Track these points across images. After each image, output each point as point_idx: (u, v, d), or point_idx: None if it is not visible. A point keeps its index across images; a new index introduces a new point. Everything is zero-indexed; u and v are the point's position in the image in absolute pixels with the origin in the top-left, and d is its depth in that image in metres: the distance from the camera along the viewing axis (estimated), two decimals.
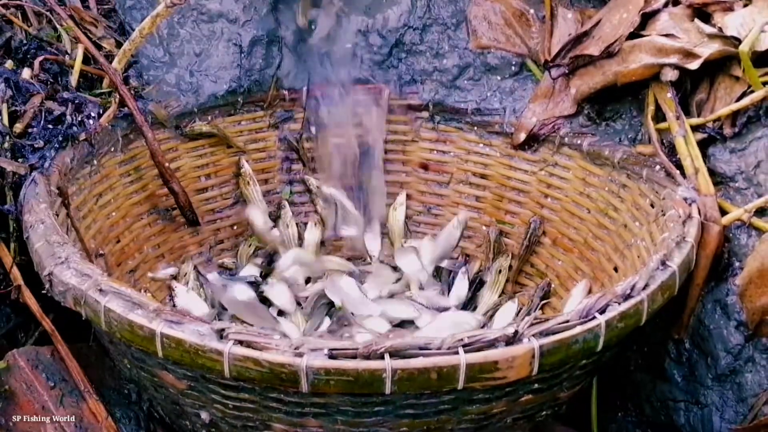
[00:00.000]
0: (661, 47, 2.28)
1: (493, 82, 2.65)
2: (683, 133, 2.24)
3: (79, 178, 2.29)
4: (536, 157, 2.58)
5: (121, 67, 2.46)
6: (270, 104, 2.72)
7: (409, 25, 2.71)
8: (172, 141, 2.60)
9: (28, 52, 2.41)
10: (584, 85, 2.44)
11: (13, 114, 2.25)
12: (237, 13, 2.67)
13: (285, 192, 2.77)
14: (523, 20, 2.63)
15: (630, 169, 2.35)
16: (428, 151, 2.75)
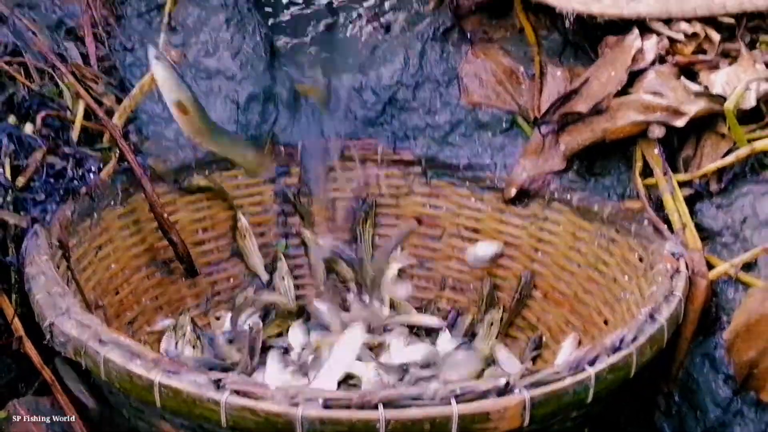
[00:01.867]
0: (648, 105, 2.34)
1: (485, 138, 2.70)
2: (671, 189, 2.29)
3: (79, 230, 2.34)
4: (527, 212, 2.63)
5: (121, 123, 2.51)
6: None
7: (402, 83, 2.78)
8: (171, 195, 2.64)
9: (30, 108, 2.46)
10: (573, 141, 2.49)
11: (16, 168, 2.30)
12: (234, 71, 2.74)
13: (280, 245, 2.81)
14: (513, 78, 2.69)
15: (619, 224, 2.40)
16: (421, 205, 2.80)
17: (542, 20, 2.70)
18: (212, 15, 2.80)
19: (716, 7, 2.48)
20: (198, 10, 2.81)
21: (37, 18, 2.68)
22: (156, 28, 2.80)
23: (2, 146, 2.31)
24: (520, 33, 2.73)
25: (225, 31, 2.78)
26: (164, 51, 2.63)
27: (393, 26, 2.89)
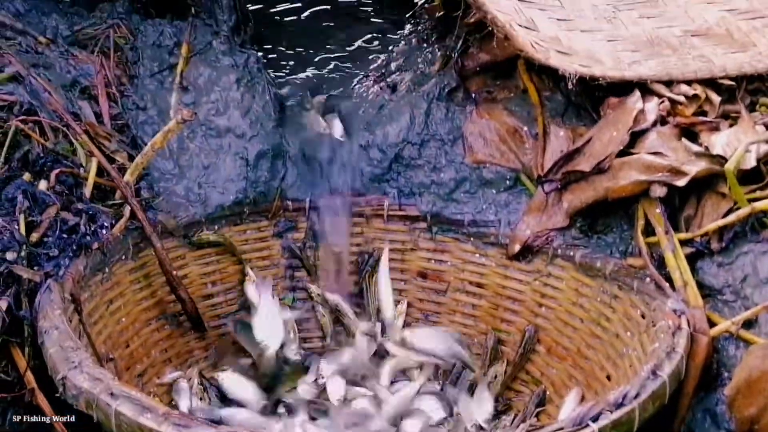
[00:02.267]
0: (650, 165, 2.39)
1: (489, 195, 2.75)
2: (672, 248, 2.34)
3: (91, 285, 2.39)
4: (530, 268, 2.67)
5: (133, 180, 2.56)
6: (274, 214, 2.82)
7: (408, 141, 2.83)
8: (181, 249, 2.69)
9: (44, 165, 2.51)
10: (576, 199, 2.54)
11: (30, 224, 2.35)
12: (244, 129, 2.80)
13: (288, 299, 2.85)
14: (517, 137, 2.75)
15: (621, 280, 2.44)
16: (426, 260, 2.84)
17: (545, 81, 2.76)
18: (223, 75, 2.86)
19: (717, 70, 2.55)
20: (209, 70, 2.88)
21: (53, 77, 2.74)
22: (168, 87, 2.86)
23: (17, 203, 2.36)
24: (523, 93, 2.79)
25: (235, 90, 2.84)
26: (176, 110, 2.70)
27: (399, 86, 2.96)
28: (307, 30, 3.47)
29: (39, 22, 2.99)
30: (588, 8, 2.79)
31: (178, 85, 2.86)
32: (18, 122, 2.53)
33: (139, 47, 2.97)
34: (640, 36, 2.71)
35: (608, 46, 2.65)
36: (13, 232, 2.28)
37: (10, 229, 2.29)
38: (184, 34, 2.97)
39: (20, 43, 2.84)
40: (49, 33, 2.95)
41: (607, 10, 2.79)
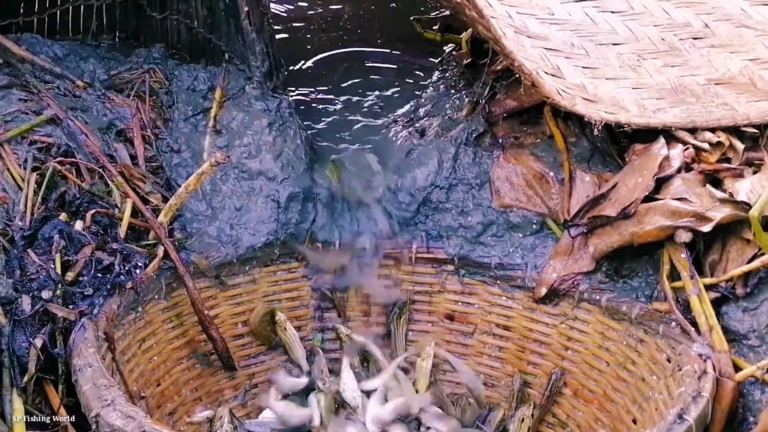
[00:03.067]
0: (675, 210, 2.42)
1: (516, 238, 2.78)
2: (697, 292, 2.36)
3: (124, 323, 2.44)
4: (557, 311, 2.70)
5: (167, 221, 2.62)
6: (305, 256, 2.86)
7: (436, 185, 2.87)
8: (212, 289, 2.74)
9: (80, 206, 2.57)
10: (602, 243, 2.57)
11: (66, 263, 2.41)
12: (276, 172, 2.85)
13: (317, 339, 2.88)
14: (544, 182, 2.79)
15: (647, 324, 2.46)
16: (453, 302, 2.87)
17: (571, 127, 2.80)
18: (255, 119, 2.92)
19: (740, 118, 2.59)
20: (242, 115, 2.94)
21: (89, 120, 2.81)
22: (202, 130, 2.92)
23: (53, 242, 2.42)
24: (549, 139, 2.83)
25: (267, 134, 2.90)
26: (210, 153, 2.76)
27: (428, 131, 3.01)
28: (337, 75, 3.53)
29: (77, 67, 3.08)
30: (613, 56, 2.84)
31: (211, 129, 2.92)
32: (55, 163, 2.60)
33: (173, 91, 3.04)
34: (664, 84, 2.75)
35: (633, 94, 2.69)
36: (49, 271, 2.34)
37: (47, 268, 2.34)
38: (217, 79, 3.05)
39: (58, 87, 2.92)
40: (87, 77, 3.03)
41: (632, 59, 2.84)
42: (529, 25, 2.90)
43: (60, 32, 3.40)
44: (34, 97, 2.79)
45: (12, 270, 2.33)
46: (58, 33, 3.39)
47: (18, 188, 2.53)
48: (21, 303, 2.27)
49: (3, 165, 2.55)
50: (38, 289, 2.30)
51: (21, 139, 2.63)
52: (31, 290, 2.30)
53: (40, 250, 2.40)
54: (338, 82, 3.48)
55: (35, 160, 2.60)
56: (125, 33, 3.48)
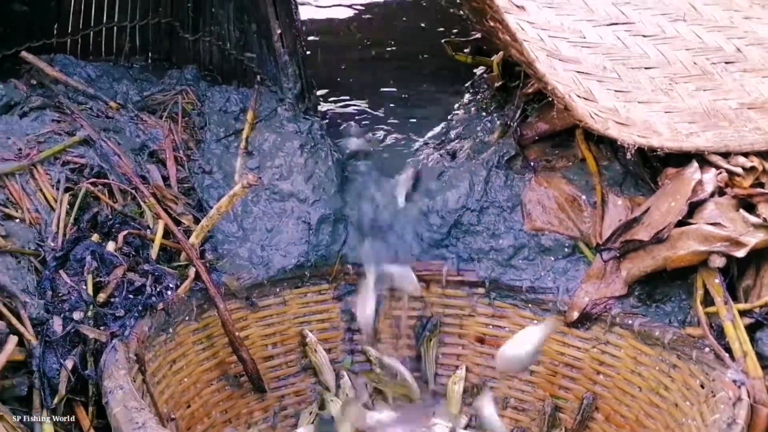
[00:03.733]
0: (708, 235, 2.40)
1: (547, 262, 2.77)
2: (731, 318, 2.34)
3: (155, 345, 2.44)
4: (589, 335, 2.68)
5: (198, 242, 2.63)
6: (335, 278, 2.86)
7: (467, 207, 2.86)
8: (243, 311, 2.74)
9: (113, 227, 2.58)
10: (635, 268, 2.55)
11: (98, 284, 2.42)
12: (307, 193, 2.85)
13: (346, 362, 2.88)
14: (576, 205, 2.77)
15: (680, 350, 2.44)
16: (484, 325, 2.85)
17: (603, 151, 2.79)
18: (287, 140, 2.93)
19: None
20: (274, 136, 2.95)
21: (122, 141, 2.83)
22: (233, 152, 2.94)
23: (86, 263, 2.43)
24: (581, 162, 2.82)
25: (299, 156, 2.90)
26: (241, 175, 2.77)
27: (459, 153, 3.01)
28: (368, 96, 3.53)
29: (110, 88, 3.11)
30: (645, 80, 2.83)
31: (243, 150, 2.93)
32: (88, 184, 2.62)
33: (206, 113, 3.06)
34: (696, 108, 2.74)
35: (665, 118, 2.68)
36: (81, 292, 2.35)
37: (78, 289, 2.35)
38: (249, 100, 3.06)
39: (91, 108, 2.95)
40: (120, 98, 3.06)
41: (664, 82, 2.83)
42: (561, 48, 2.90)
43: (93, 53, 3.45)
44: (67, 118, 2.81)
45: (44, 291, 2.35)
46: (91, 54, 3.44)
47: (50, 209, 2.54)
48: (52, 324, 2.27)
49: (36, 186, 2.57)
50: (70, 310, 2.31)
51: (54, 160, 2.65)
52: (62, 311, 2.31)
53: (72, 271, 2.41)
54: (369, 104, 3.48)
55: (68, 180, 2.62)
56: (158, 54, 3.53)
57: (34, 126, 2.74)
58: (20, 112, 2.80)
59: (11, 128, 2.72)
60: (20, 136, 2.69)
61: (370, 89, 3.59)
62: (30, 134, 2.70)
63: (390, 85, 3.61)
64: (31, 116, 2.79)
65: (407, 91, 3.55)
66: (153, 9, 3.46)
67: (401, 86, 3.59)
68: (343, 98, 3.52)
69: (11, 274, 2.34)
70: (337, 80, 3.62)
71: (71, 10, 3.40)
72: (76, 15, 3.41)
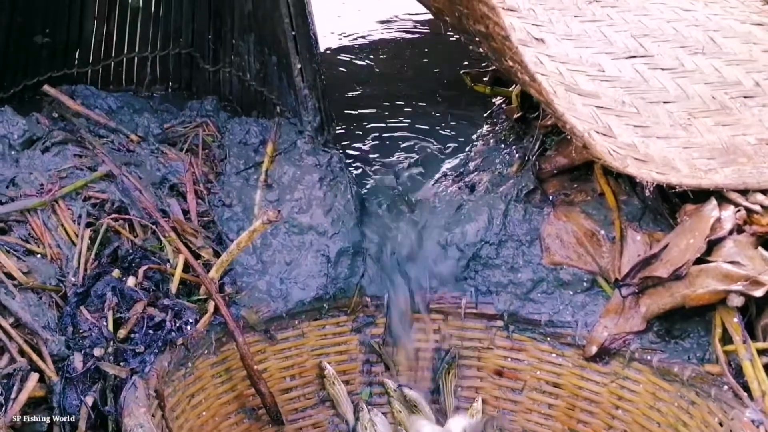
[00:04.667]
0: (727, 274, 2.40)
1: (566, 296, 2.77)
2: (750, 357, 2.34)
3: (174, 379, 2.46)
4: (607, 370, 2.68)
5: (218, 276, 2.64)
6: (353, 310, 2.87)
7: (486, 240, 2.87)
8: (261, 343, 2.76)
9: (133, 261, 2.61)
10: (654, 304, 2.55)
11: (118, 320, 2.44)
12: (326, 227, 2.87)
13: (364, 393, 2.89)
14: (594, 240, 2.78)
15: (699, 387, 2.44)
16: (503, 358, 2.86)
17: (622, 185, 2.79)
18: (306, 174, 2.95)
19: None
20: (293, 169, 2.97)
21: (143, 175, 2.85)
22: (253, 184, 2.95)
23: (106, 299, 2.45)
24: (600, 197, 2.82)
25: (318, 189, 2.92)
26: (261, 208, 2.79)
27: (477, 186, 3.01)
28: (387, 128, 3.55)
29: (131, 120, 3.13)
30: (664, 114, 2.83)
31: (262, 183, 2.95)
32: (109, 220, 2.64)
33: (226, 145, 3.08)
34: (715, 143, 2.74)
35: (684, 153, 2.68)
36: (102, 329, 2.37)
37: (99, 325, 2.38)
38: (269, 132, 3.08)
39: (113, 141, 2.97)
40: (141, 131, 3.08)
41: (683, 117, 2.83)
42: (580, 82, 2.90)
43: (114, 83, 3.49)
44: (89, 152, 2.84)
45: (65, 327, 2.37)
46: (112, 83, 3.47)
47: (72, 244, 2.57)
48: (73, 360, 2.30)
49: (57, 221, 2.60)
50: (90, 346, 2.33)
51: (75, 195, 2.68)
52: (83, 348, 2.33)
53: (93, 307, 2.44)
54: (388, 135, 3.49)
55: (89, 215, 2.65)
56: (178, 84, 3.55)
57: (56, 161, 2.77)
58: (42, 147, 2.83)
59: (33, 163, 2.75)
60: (42, 171, 2.72)
61: (388, 120, 3.60)
62: (52, 169, 2.73)
63: (408, 116, 3.62)
64: (53, 151, 2.81)
65: (426, 121, 3.56)
66: (174, 39, 3.49)
67: (420, 117, 3.60)
68: (362, 130, 3.53)
69: (33, 310, 2.37)
70: (356, 112, 3.63)
71: (93, 40, 3.43)
72: (97, 45, 3.45)
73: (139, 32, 3.47)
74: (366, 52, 4.27)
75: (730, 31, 3.32)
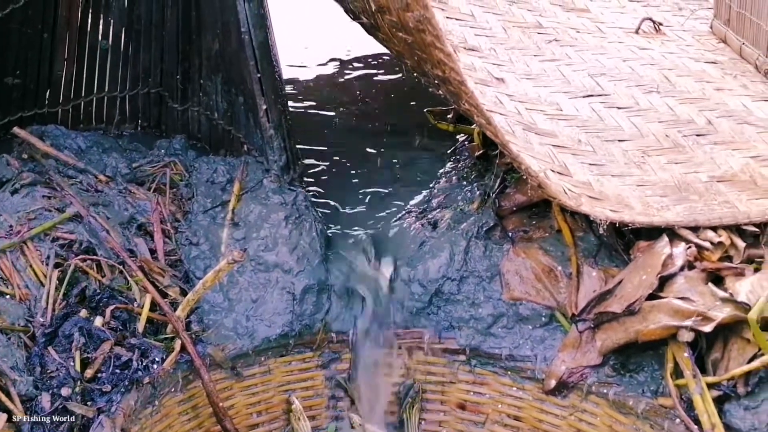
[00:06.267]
0: (677, 309, 2.47)
1: (525, 330, 2.84)
2: (700, 391, 2.41)
3: (141, 418, 2.51)
4: (566, 403, 2.74)
5: (185, 315, 2.69)
6: (319, 346, 2.92)
7: (447, 277, 2.93)
8: (228, 380, 2.80)
9: (100, 301, 2.65)
10: (609, 339, 2.62)
11: (85, 360, 2.48)
12: (291, 264, 2.92)
13: (330, 428, 2.94)
14: (552, 276, 2.85)
15: (653, 420, 2.51)
16: (465, 392, 2.91)
17: (579, 222, 2.86)
18: (272, 212, 3.00)
19: (741, 217, 2.64)
20: (260, 208, 3.02)
21: (111, 215, 2.90)
22: (220, 223, 3.00)
23: (73, 340, 2.49)
24: (558, 233, 2.89)
25: (284, 227, 2.97)
26: (227, 247, 2.85)
27: (440, 223, 3.07)
28: (353, 165, 3.61)
29: (99, 160, 3.17)
30: (619, 153, 2.91)
31: (229, 222, 3.00)
32: (77, 260, 2.68)
33: (193, 183, 3.13)
34: (668, 181, 2.81)
35: (638, 191, 2.76)
36: (69, 369, 2.42)
37: (66, 366, 2.42)
38: (236, 170, 3.13)
39: (81, 182, 3.01)
40: (109, 171, 3.12)
41: (637, 155, 2.91)
42: (538, 121, 2.98)
43: (84, 121, 3.51)
44: (58, 194, 2.88)
45: (33, 367, 2.41)
46: (82, 122, 3.50)
47: (40, 284, 2.62)
48: (41, 400, 2.34)
49: (26, 262, 2.64)
50: (58, 386, 2.38)
51: (44, 236, 2.72)
52: (50, 387, 2.38)
53: (61, 347, 2.48)
54: (354, 172, 3.56)
55: (57, 256, 2.69)
56: (147, 122, 3.60)
57: (25, 203, 2.81)
58: (11, 189, 2.87)
59: (3, 205, 2.80)
60: (11, 212, 2.77)
61: (353, 157, 3.66)
62: (21, 211, 2.78)
63: (373, 154, 3.68)
64: (22, 193, 2.86)
65: (390, 159, 3.62)
66: (143, 79, 3.53)
67: (384, 154, 3.66)
68: (327, 167, 3.59)
69: (1, 351, 2.41)
70: (321, 150, 3.69)
71: (63, 80, 3.46)
72: (67, 85, 3.48)
73: (108, 72, 3.51)
74: (332, 87, 4.34)
75: (684, 69, 3.42)
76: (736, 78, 3.37)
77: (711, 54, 3.57)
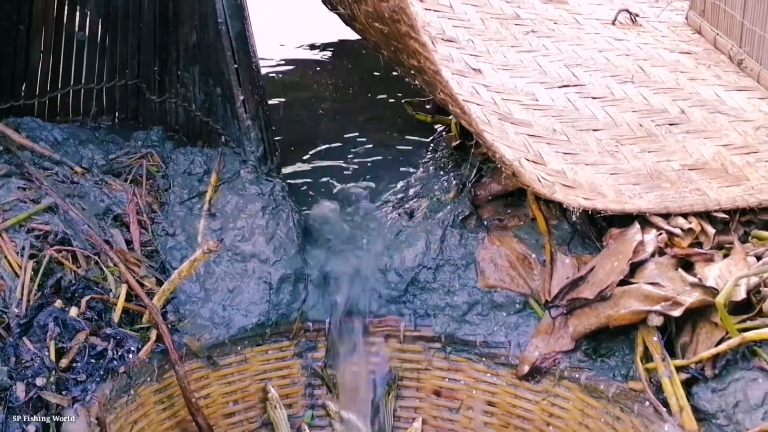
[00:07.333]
0: (648, 295, 2.50)
1: (500, 317, 2.86)
2: (669, 374, 2.44)
3: (116, 407, 2.51)
4: (539, 388, 2.77)
5: (160, 304, 2.70)
6: (295, 335, 2.94)
7: (423, 265, 2.95)
8: (204, 370, 2.82)
9: (76, 291, 2.65)
10: (581, 325, 2.65)
11: (60, 350, 2.49)
12: (268, 254, 2.94)
13: (306, 416, 2.95)
14: (526, 263, 2.87)
15: (623, 403, 2.55)
16: (441, 378, 2.94)
17: (553, 210, 2.89)
18: (249, 203, 3.02)
19: (711, 204, 2.67)
20: (236, 198, 3.03)
21: (87, 206, 2.90)
22: (196, 213, 3.02)
23: (48, 330, 2.50)
24: (532, 221, 2.92)
25: (261, 217, 2.99)
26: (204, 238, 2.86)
27: (416, 213, 3.10)
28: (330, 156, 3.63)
29: (75, 152, 3.18)
30: (593, 142, 2.94)
31: (206, 212, 3.01)
32: (53, 251, 2.69)
33: (170, 175, 3.14)
34: (640, 169, 2.84)
35: (611, 179, 2.78)
36: (44, 359, 2.42)
37: (41, 355, 2.42)
38: (213, 162, 3.14)
39: (57, 173, 3.01)
40: (85, 162, 3.13)
41: (611, 144, 2.93)
42: (513, 111, 3.01)
43: (60, 113, 3.51)
44: (33, 185, 2.88)
45: (7, 357, 2.42)
46: (58, 115, 3.50)
47: (15, 275, 2.62)
48: (15, 390, 2.34)
49: (0, 253, 2.64)
50: (32, 376, 2.38)
51: (19, 227, 2.72)
52: (25, 377, 2.37)
53: (35, 337, 2.48)
54: (331, 163, 3.57)
55: (32, 247, 2.69)
56: (125, 114, 3.60)
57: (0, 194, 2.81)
58: None
59: None
60: None
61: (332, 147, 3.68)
62: None
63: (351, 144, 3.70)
64: None
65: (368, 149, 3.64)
66: (120, 71, 3.54)
67: (363, 144, 3.68)
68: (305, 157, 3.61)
69: None
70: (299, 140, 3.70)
71: (39, 72, 3.46)
72: (43, 77, 3.47)
73: (85, 64, 3.51)
74: (310, 78, 4.36)
75: (659, 59, 3.45)
76: (710, 68, 3.41)
77: (686, 45, 3.61)
